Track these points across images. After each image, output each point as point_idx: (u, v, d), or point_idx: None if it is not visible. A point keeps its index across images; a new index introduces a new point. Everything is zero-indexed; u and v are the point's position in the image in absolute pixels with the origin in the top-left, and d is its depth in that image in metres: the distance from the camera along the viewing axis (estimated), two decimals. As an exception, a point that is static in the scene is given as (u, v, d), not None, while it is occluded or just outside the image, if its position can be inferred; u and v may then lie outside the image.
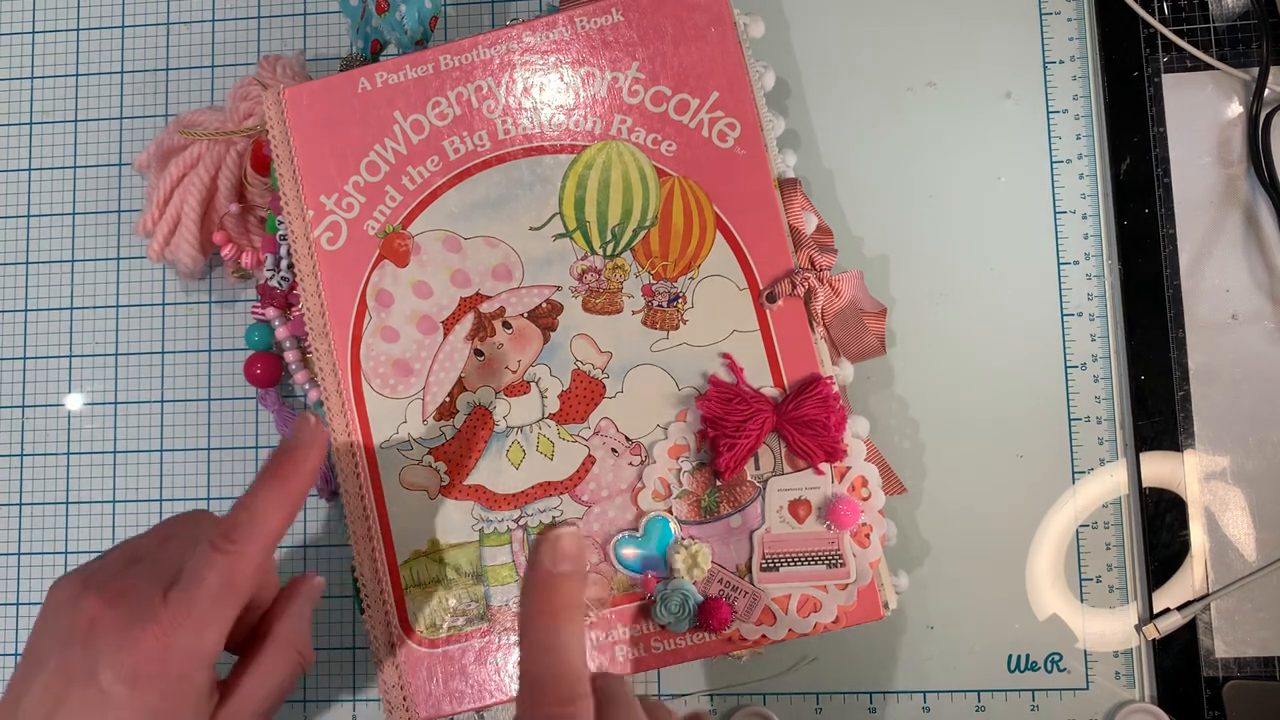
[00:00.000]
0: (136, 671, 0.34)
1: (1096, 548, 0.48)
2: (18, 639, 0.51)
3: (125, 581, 0.36)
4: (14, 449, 0.53)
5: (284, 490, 0.38)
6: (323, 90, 0.46)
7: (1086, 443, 0.49)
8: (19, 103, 0.55)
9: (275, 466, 0.38)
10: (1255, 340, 0.48)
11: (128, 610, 0.35)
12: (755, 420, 0.44)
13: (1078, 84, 0.50)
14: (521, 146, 0.46)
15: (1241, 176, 0.49)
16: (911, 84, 0.51)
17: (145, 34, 0.55)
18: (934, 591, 0.48)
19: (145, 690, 0.34)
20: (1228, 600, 0.47)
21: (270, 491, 0.37)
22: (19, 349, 0.53)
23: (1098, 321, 0.49)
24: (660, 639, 0.44)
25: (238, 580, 0.36)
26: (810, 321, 0.45)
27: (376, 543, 0.45)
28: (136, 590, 0.35)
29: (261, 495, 0.37)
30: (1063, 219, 0.50)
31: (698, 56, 0.46)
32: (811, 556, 0.44)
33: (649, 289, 0.46)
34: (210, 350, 0.52)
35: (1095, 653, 0.48)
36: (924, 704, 0.48)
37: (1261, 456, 0.48)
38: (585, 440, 0.45)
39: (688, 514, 0.45)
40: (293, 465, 0.38)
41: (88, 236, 0.53)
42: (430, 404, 0.46)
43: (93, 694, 0.34)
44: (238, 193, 0.50)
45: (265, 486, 0.37)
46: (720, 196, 0.46)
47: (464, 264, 0.46)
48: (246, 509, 0.37)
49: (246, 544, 0.36)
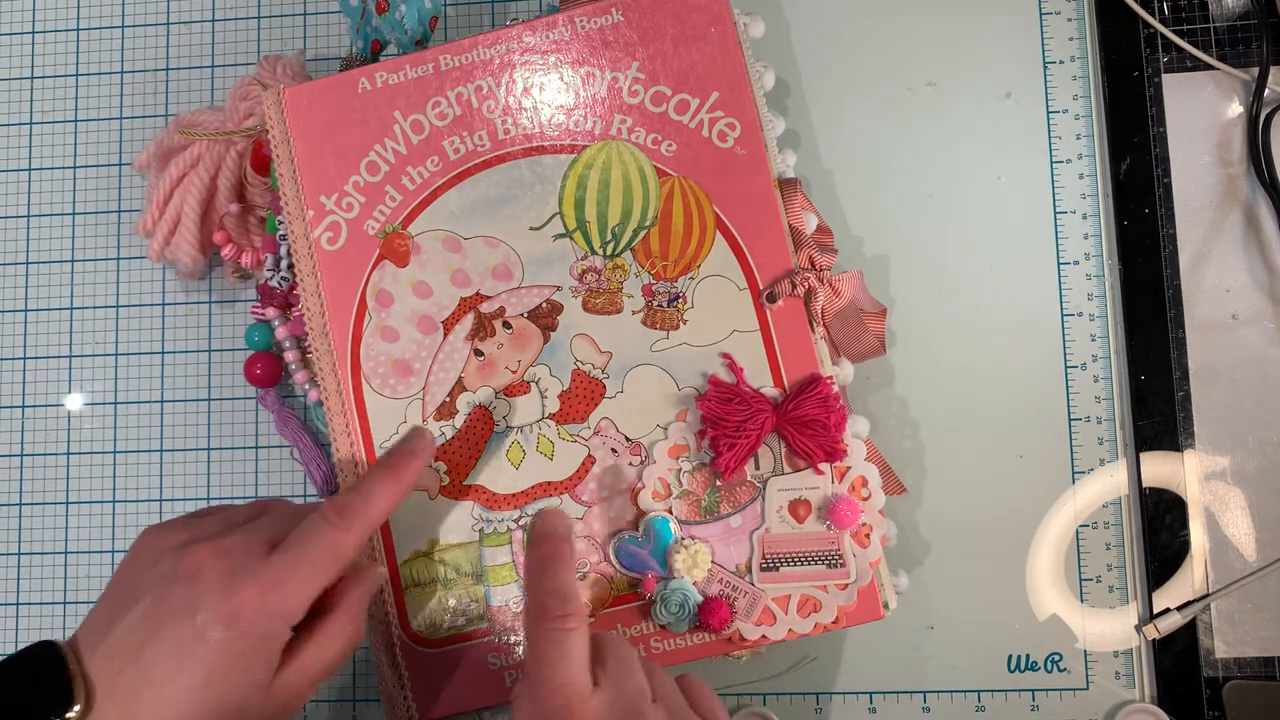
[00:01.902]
0: (233, 617, 0.36)
1: (1096, 548, 0.48)
2: (18, 639, 0.51)
3: (231, 539, 0.39)
4: (14, 449, 0.53)
5: (395, 482, 0.41)
6: (323, 90, 0.46)
7: (1086, 443, 0.49)
8: (19, 103, 0.55)
9: (391, 461, 0.42)
10: (1255, 340, 0.48)
11: (232, 563, 0.37)
12: (755, 420, 0.44)
13: (1078, 84, 0.50)
14: (521, 146, 0.46)
15: (1241, 176, 0.49)
16: (911, 84, 0.51)
17: (145, 34, 0.55)
18: (934, 591, 0.48)
19: (235, 637, 0.36)
20: (1228, 600, 0.47)
21: (383, 482, 0.41)
22: (19, 349, 0.53)
23: (1098, 321, 0.49)
24: (660, 639, 0.44)
25: (341, 554, 0.39)
26: (810, 321, 0.45)
27: (376, 543, 0.45)
28: (241, 547, 0.38)
29: (375, 483, 0.41)
30: (1063, 219, 0.50)
31: (698, 56, 0.46)
32: (811, 556, 0.44)
33: (649, 289, 0.46)
34: (210, 350, 0.52)
35: (1095, 653, 0.48)
36: (924, 704, 0.48)
37: (1261, 456, 0.48)
38: (585, 440, 0.45)
39: (688, 514, 0.45)
40: (406, 462, 0.42)
41: (88, 236, 0.53)
42: (430, 404, 0.46)
43: (187, 630, 0.36)
44: (238, 193, 0.50)
45: (380, 477, 0.41)
46: (720, 196, 0.46)
47: (464, 264, 0.46)
48: (360, 493, 0.40)
49: (355, 521, 0.39)
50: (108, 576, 0.51)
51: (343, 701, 0.50)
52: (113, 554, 0.52)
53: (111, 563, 0.52)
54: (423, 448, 0.43)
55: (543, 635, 0.37)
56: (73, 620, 0.51)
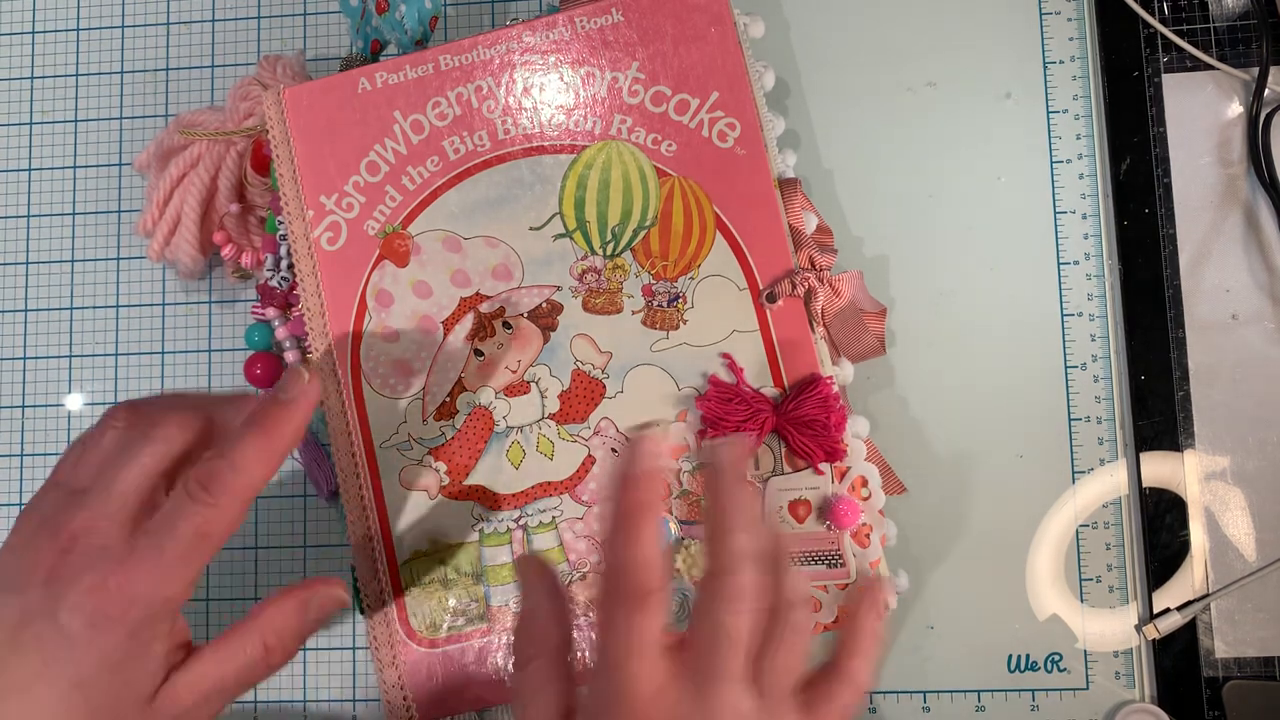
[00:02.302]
0: (97, 613, 0.33)
1: (1096, 548, 0.48)
2: (18, 639, 0.51)
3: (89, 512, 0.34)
4: (14, 449, 0.53)
5: (268, 443, 0.36)
6: (323, 90, 0.46)
7: (1086, 443, 0.49)
8: (19, 103, 0.55)
9: (261, 418, 0.36)
10: (1255, 340, 0.48)
11: (97, 546, 0.34)
12: (755, 420, 0.44)
13: (1078, 84, 0.50)
14: (521, 146, 0.46)
15: (1241, 176, 0.49)
16: (911, 84, 0.51)
17: (145, 34, 0.55)
18: (934, 591, 0.48)
19: (105, 633, 0.33)
20: (1228, 600, 0.47)
21: (253, 443, 0.36)
22: (19, 349, 0.53)
23: (1098, 321, 0.49)
24: (660, 639, 0.44)
25: (211, 532, 0.35)
26: (810, 321, 0.45)
27: (376, 543, 0.45)
28: (99, 530, 0.34)
29: (244, 447, 0.35)
30: (1063, 219, 0.50)
31: (698, 56, 0.46)
32: (811, 556, 0.44)
33: (649, 289, 0.46)
34: (210, 350, 0.52)
35: (1095, 653, 0.48)
36: (924, 704, 0.48)
37: (1261, 456, 0.48)
38: (585, 440, 0.45)
39: (688, 514, 0.45)
40: (280, 418, 0.36)
41: (88, 236, 0.53)
42: (430, 404, 0.46)
43: (51, 632, 0.33)
44: (238, 193, 0.50)
45: (249, 438, 0.36)
46: (720, 196, 0.46)
47: (464, 264, 0.46)
48: (226, 459, 0.35)
49: (223, 496, 0.35)
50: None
51: (343, 701, 0.50)
52: (113, 554, 0.52)
53: (111, 563, 0.51)
54: (299, 394, 0.37)
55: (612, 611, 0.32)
56: (73, 620, 0.51)
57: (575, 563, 0.45)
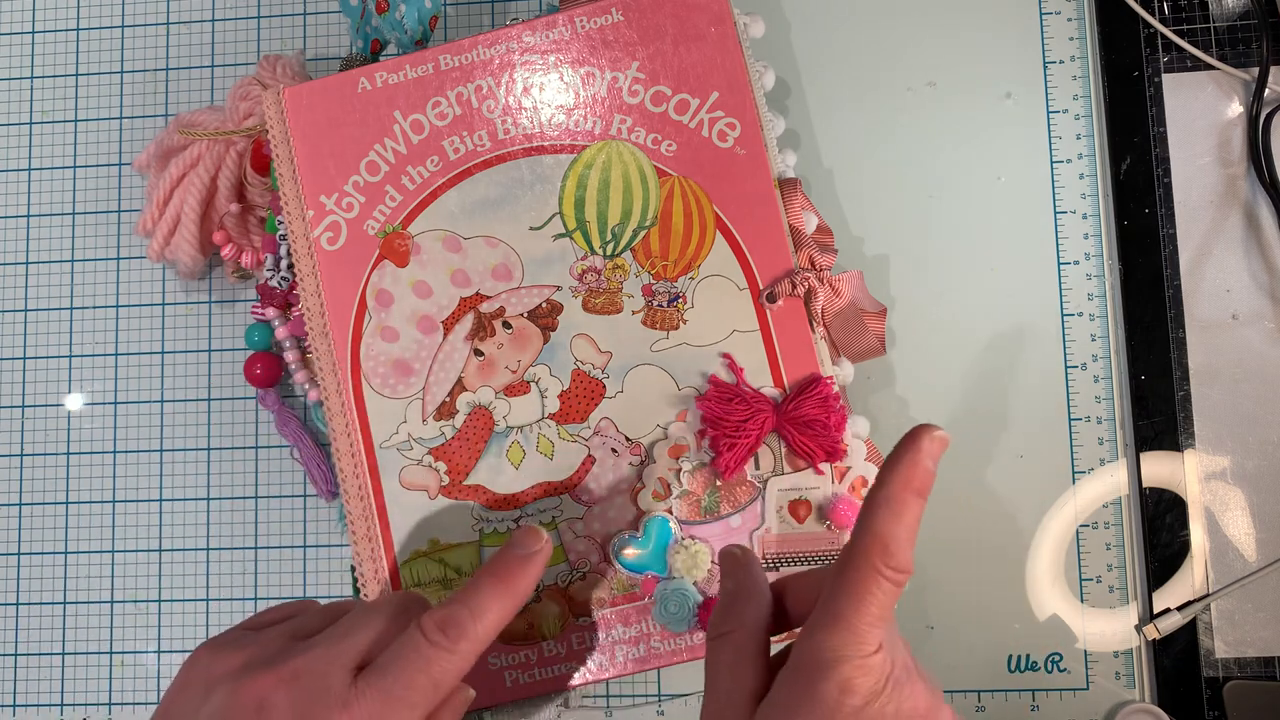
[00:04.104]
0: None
1: (1096, 548, 0.48)
2: (17, 638, 0.51)
3: (302, 659, 0.32)
4: (14, 449, 0.53)
5: (507, 591, 0.35)
6: (323, 90, 0.46)
7: (1086, 443, 0.49)
8: (19, 103, 0.55)
9: (499, 567, 0.36)
10: (1255, 340, 0.48)
11: (307, 692, 0.32)
12: (755, 420, 0.44)
13: (1078, 84, 0.50)
14: (521, 146, 0.46)
15: (1241, 176, 0.49)
16: (911, 84, 0.51)
17: (145, 34, 0.55)
18: (934, 591, 0.48)
19: None
20: (1228, 600, 0.47)
21: (492, 591, 0.35)
22: (19, 349, 0.53)
23: (1098, 321, 0.49)
24: (660, 639, 0.44)
25: (445, 680, 0.33)
26: (810, 321, 0.45)
27: (376, 543, 0.45)
28: (317, 670, 0.32)
29: (483, 594, 0.35)
30: (1063, 219, 0.50)
31: (698, 56, 0.46)
32: (811, 556, 0.44)
33: (649, 289, 0.46)
34: (210, 350, 0.52)
35: (1095, 653, 0.48)
36: (924, 704, 0.48)
37: (1261, 456, 0.48)
38: (585, 440, 0.45)
39: (688, 514, 0.45)
40: (517, 567, 0.36)
41: (88, 236, 0.53)
42: (430, 404, 0.46)
43: None
44: (238, 193, 0.50)
45: (487, 585, 0.35)
46: (720, 196, 0.46)
47: (464, 264, 0.46)
48: (467, 605, 0.34)
49: (461, 641, 0.34)
50: (108, 576, 0.51)
51: (343, 701, 0.50)
52: (112, 554, 0.52)
53: (112, 562, 0.52)
54: (536, 550, 0.37)
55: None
56: (72, 621, 0.51)
57: (575, 563, 0.45)
